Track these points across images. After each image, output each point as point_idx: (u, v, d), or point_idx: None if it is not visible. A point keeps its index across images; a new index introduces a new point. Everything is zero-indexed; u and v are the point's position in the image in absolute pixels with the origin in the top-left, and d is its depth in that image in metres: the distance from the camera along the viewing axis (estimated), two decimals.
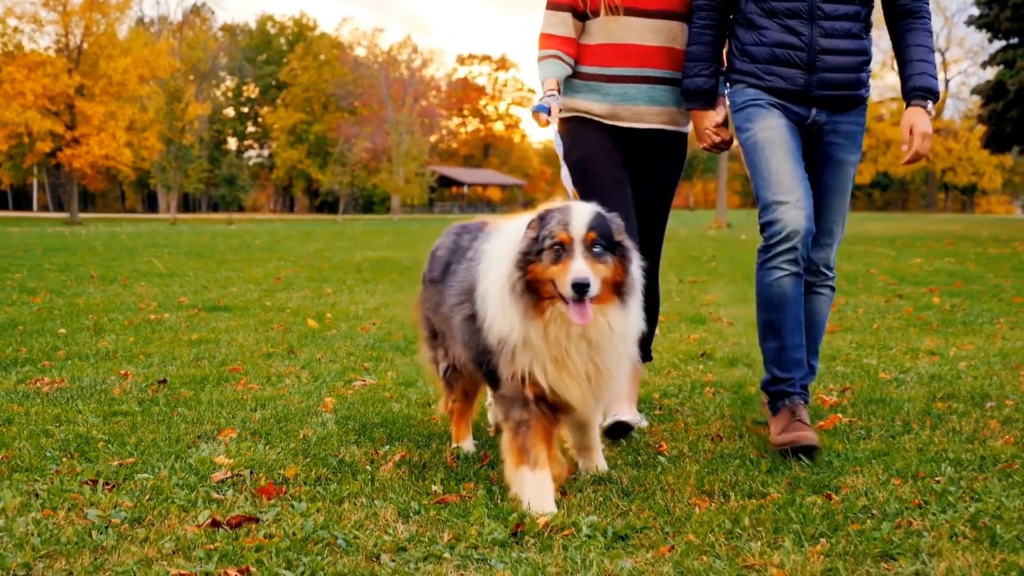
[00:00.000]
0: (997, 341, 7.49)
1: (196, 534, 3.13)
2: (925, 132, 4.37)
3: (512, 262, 3.40)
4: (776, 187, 4.26)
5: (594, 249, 3.31)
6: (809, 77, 4.31)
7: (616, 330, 3.43)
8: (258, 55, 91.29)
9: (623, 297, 3.42)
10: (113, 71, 49.54)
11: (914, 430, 4.62)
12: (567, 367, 3.43)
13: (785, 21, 4.30)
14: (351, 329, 8.02)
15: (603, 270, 3.33)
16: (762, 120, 4.36)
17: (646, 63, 4.48)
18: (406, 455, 4.08)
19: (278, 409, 4.94)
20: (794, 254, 4.25)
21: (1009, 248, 21.99)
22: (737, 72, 4.47)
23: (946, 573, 2.87)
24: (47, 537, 3.07)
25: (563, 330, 3.38)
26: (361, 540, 3.10)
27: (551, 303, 3.37)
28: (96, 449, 4.11)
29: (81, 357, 6.38)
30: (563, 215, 3.34)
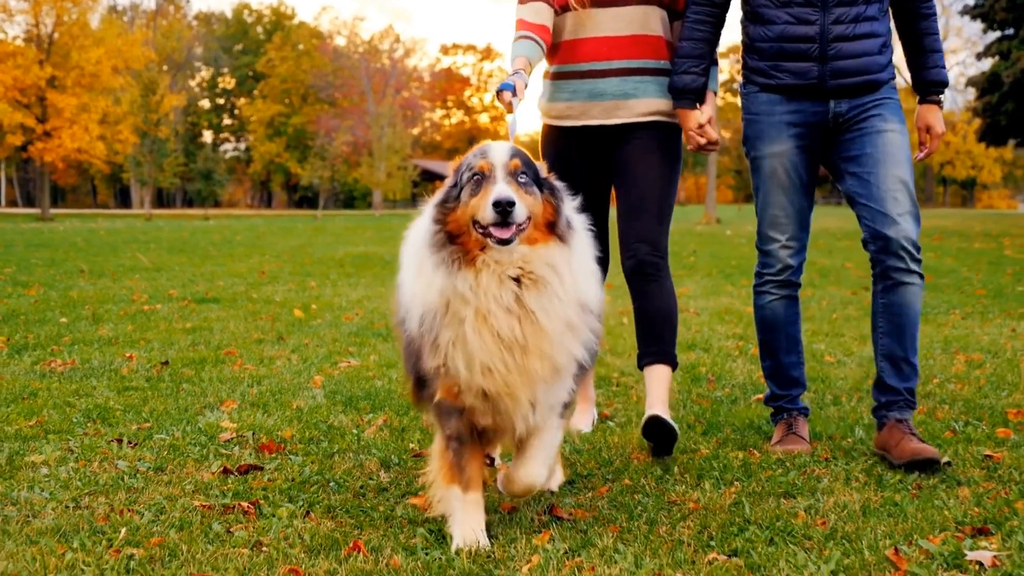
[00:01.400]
0: (945, 329, 8.32)
1: (211, 479, 3.91)
2: (941, 132, 4.48)
3: (428, 219, 3.11)
4: (773, 223, 4.45)
5: (519, 178, 3.02)
6: (822, 68, 4.24)
7: (557, 268, 3.03)
8: (234, 45, 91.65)
9: (562, 237, 3.07)
10: (85, 62, 49.68)
11: (841, 402, 5.44)
12: (487, 322, 3.00)
13: (796, 10, 4.24)
14: (335, 319, 8.82)
15: (529, 201, 3.01)
16: (769, 144, 4.40)
17: (615, 55, 4.38)
18: (387, 420, 4.88)
19: (272, 385, 5.72)
20: (783, 282, 4.51)
21: (995, 243, 22.87)
22: (748, 70, 4.46)
23: (833, 506, 3.65)
24: (87, 481, 3.84)
25: (495, 277, 3.00)
26: (349, 483, 3.88)
27: (482, 253, 3.00)
28: (115, 416, 4.89)
29: (86, 342, 7.15)
30: (481, 148, 3.10)
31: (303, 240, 24.72)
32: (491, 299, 2.98)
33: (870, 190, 4.26)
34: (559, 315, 3.03)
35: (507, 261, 2.99)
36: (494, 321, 2.98)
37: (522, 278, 3.01)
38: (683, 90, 4.42)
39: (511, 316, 2.99)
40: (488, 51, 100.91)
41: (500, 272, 2.99)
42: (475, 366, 3.03)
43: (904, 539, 3.28)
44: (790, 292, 4.54)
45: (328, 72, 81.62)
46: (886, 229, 4.20)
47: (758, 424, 4.91)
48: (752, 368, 6.49)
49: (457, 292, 2.99)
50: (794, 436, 4.48)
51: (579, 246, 3.13)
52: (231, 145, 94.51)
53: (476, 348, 3.01)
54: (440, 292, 3.01)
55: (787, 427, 4.54)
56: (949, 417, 5.03)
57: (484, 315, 2.99)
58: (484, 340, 3.01)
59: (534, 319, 3.00)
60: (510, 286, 3.00)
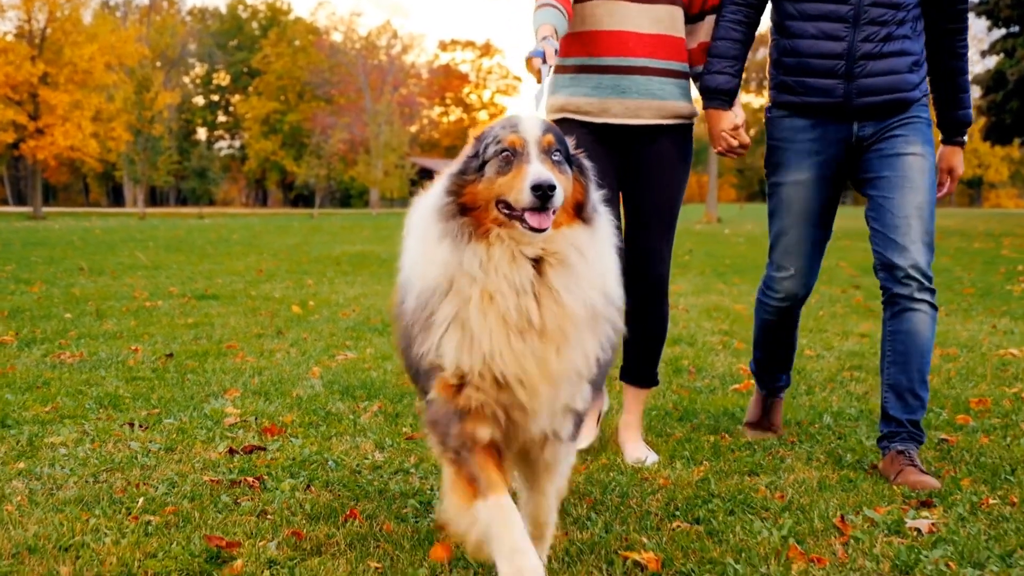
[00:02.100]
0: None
1: (218, 457, 4.31)
2: (960, 174, 4.59)
3: (441, 190, 2.81)
4: (784, 252, 4.49)
5: (553, 156, 2.74)
6: (848, 86, 4.21)
7: (584, 251, 2.77)
8: (229, 41, 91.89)
9: (588, 221, 2.80)
10: (78, 58, 49.81)
11: (814, 392, 5.85)
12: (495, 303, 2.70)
13: (823, 25, 4.22)
14: (332, 315, 9.23)
15: (564, 182, 2.73)
16: (790, 172, 4.41)
17: (643, 52, 4.26)
18: (382, 406, 5.28)
19: (273, 375, 6.12)
20: (787, 307, 4.61)
21: (995, 243, 23.27)
22: (774, 86, 4.45)
23: (792, 482, 4.06)
24: (103, 459, 4.25)
25: (507, 253, 2.70)
26: (346, 462, 4.28)
27: (499, 229, 2.71)
28: (125, 403, 5.29)
29: (91, 337, 7.55)
30: (509, 119, 2.82)
31: (300, 239, 25.14)
32: (501, 277, 2.67)
33: (883, 216, 4.23)
34: (585, 299, 2.74)
35: (527, 240, 2.68)
36: (501, 301, 2.67)
37: (544, 258, 2.71)
38: (716, 90, 4.39)
39: (525, 297, 2.68)
40: (487, 47, 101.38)
41: (515, 249, 2.69)
42: (476, 351, 2.70)
43: (853, 510, 3.69)
44: (792, 312, 4.65)
45: (324, 69, 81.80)
46: (895, 257, 4.16)
47: (732, 411, 5.31)
48: (733, 361, 6.90)
49: (463, 268, 2.69)
50: (766, 422, 4.92)
51: (605, 231, 2.87)
52: (226, 143, 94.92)
53: (479, 331, 2.69)
54: (443, 266, 2.71)
55: (763, 406, 4.94)
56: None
57: (491, 295, 2.68)
58: (489, 323, 2.68)
59: (557, 298, 2.70)
60: (525, 266, 2.69)
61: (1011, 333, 8.23)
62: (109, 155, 58.50)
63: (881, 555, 3.24)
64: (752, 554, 3.24)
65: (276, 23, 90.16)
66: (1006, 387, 5.94)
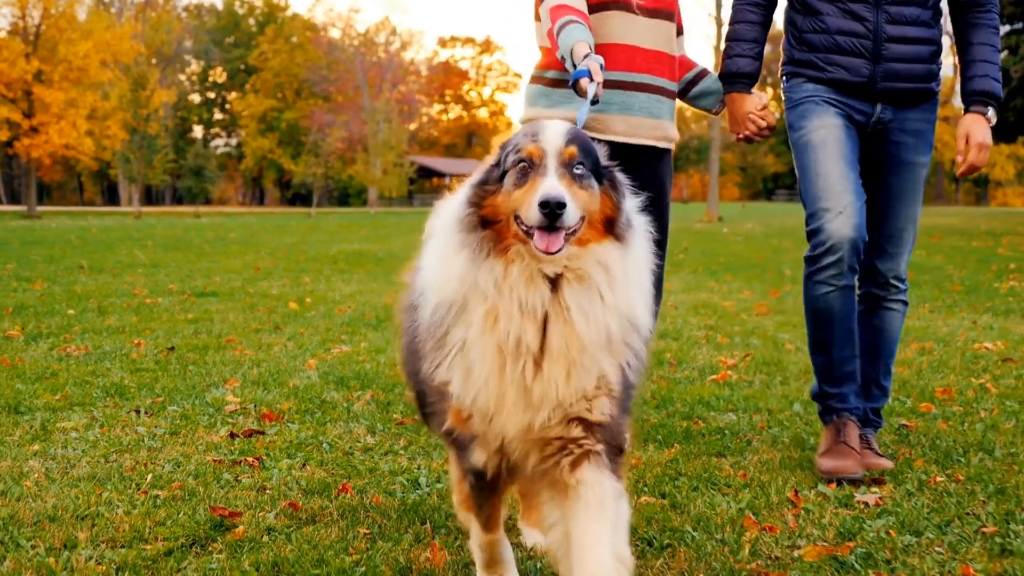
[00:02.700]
0: (909, 321, 9.08)
1: (220, 440, 4.68)
2: (983, 143, 4.26)
3: (463, 200, 2.70)
4: (823, 193, 4.17)
5: (574, 169, 2.60)
6: (874, 68, 4.21)
7: (610, 269, 2.61)
8: (225, 37, 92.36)
9: (620, 237, 2.64)
10: (73, 56, 50.17)
11: (788, 383, 6.22)
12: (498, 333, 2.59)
13: (848, 6, 4.21)
14: (329, 311, 9.61)
15: (585, 198, 2.59)
16: (816, 118, 4.29)
17: (647, 69, 4.22)
18: (374, 395, 5.66)
19: (271, 367, 6.50)
20: (840, 267, 4.16)
21: (994, 241, 23.60)
22: (794, 63, 4.40)
23: (756, 463, 4.43)
24: (112, 442, 4.62)
25: (525, 273, 2.57)
26: (339, 444, 4.65)
27: (520, 245, 2.58)
28: (131, 392, 5.67)
29: (95, 331, 7.93)
30: (533, 127, 2.69)
31: (297, 238, 25.54)
32: (514, 299, 2.56)
33: (881, 222, 4.37)
34: (599, 321, 2.59)
35: (547, 260, 2.54)
36: (503, 325, 2.56)
37: (563, 275, 2.57)
38: (738, 74, 4.41)
39: (529, 321, 2.56)
40: (488, 44, 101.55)
41: (533, 269, 2.56)
42: (474, 383, 2.63)
43: (808, 487, 4.07)
44: (847, 282, 4.22)
45: (322, 66, 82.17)
46: (880, 263, 4.40)
47: (707, 400, 5.67)
48: (713, 352, 7.27)
49: (478, 286, 2.58)
50: (843, 447, 4.23)
51: (639, 250, 2.70)
52: (222, 141, 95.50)
53: (477, 359, 2.60)
54: (460, 281, 2.60)
55: (836, 433, 4.32)
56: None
57: (496, 317, 2.57)
58: (484, 348, 2.59)
59: (566, 319, 2.57)
60: (541, 287, 2.56)
61: (990, 328, 8.59)
62: (104, 153, 58.68)
63: (828, 524, 3.61)
64: (710, 523, 3.62)
65: (273, 19, 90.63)
66: (973, 378, 6.30)
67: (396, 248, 20.93)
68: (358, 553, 3.26)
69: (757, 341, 7.89)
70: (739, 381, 6.26)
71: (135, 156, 57.16)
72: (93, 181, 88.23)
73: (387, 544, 3.36)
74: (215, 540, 3.38)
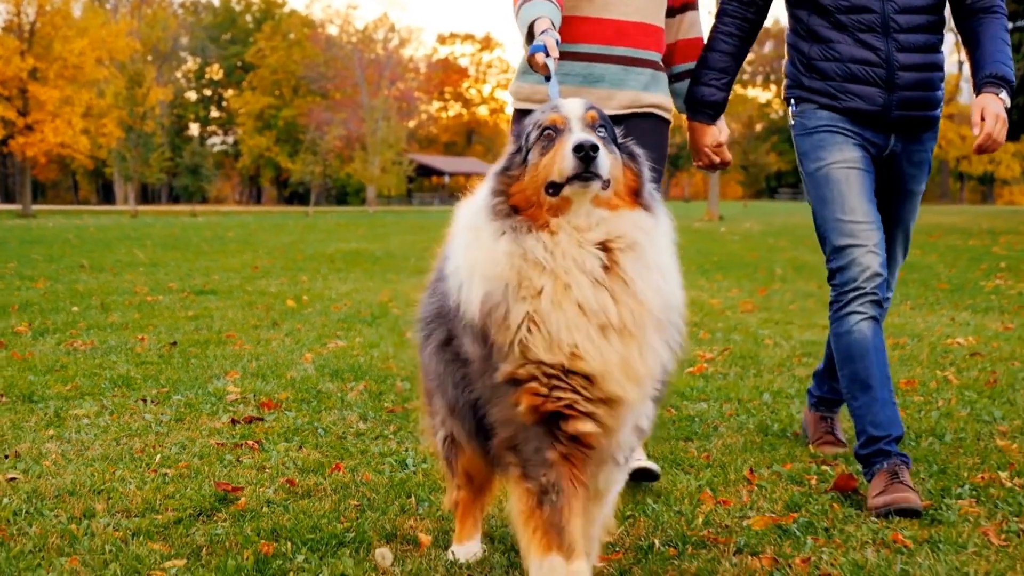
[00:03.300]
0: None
1: (222, 426, 5.12)
2: (998, 114, 4.08)
3: (488, 191, 2.74)
4: (851, 230, 4.19)
5: (598, 131, 2.69)
6: (889, 96, 4.23)
7: (652, 236, 2.68)
8: (222, 34, 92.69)
9: (648, 208, 2.72)
10: (68, 53, 50.26)
11: (762, 375, 6.65)
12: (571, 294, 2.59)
13: (858, 35, 4.22)
14: (325, 308, 10.08)
15: (611, 159, 2.66)
16: (838, 151, 4.28)
17: (619, 40, 4.22)
18: (367, 386, 6.09)
19: (269, 360, 6.93)
20: (874, 297, 4.19)
21: (991, 240, 23.99)
22: (804, 89, 4.39)
23: (720, 446, 4.86)
24: (122, 427, 5.05)
25: (574, 241, 2.61)
26: (333, 429, 5.08)
27: (558, 218, 2.63)
28: (137, 383, 6.10)
29: (99, 328, 8.38)
30: (547, 106, 2.82)
31: (295, 237, 26.01)
32: (571, 263, 2.58)
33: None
34: (658, 287, 2.65)
35: (587, 225, 2.61)
36: (578, 291, 2.58)
37: (610, 243, 2.62)
38: (702, 102, 4.43)
39: (599, 289, 2.59)
40: (487, 40, 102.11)
41: (580, 237, 2.61)
42: (560, 348, 2.60)
43: (766, 466, 4.50)
44: (877, 313, 4.23)
45: (320, 63, 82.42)
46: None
47: (682, 391, 6.10)
48: (693, 346, 7.69)
49: (529, 257, 2.59)
50: (901, 485, 3.94)
51: (666, 224, 2.77)
52: (219, 139, 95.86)
53: (559, 325, 2.59)
54: (508, 257, 2.60)
55: (890, 475, 4.00)
56: None
57: (565, 284, 2.58)
58: (567, 315, 2.58)
59: (632, 290, 2.61)
60: (594, 251, 2.60)
61: (966, 325, 9.01)
62: (100, 152, 58.60)
63: (778, 499, 4.04)
64: (670, 497, 4.05)
65: (270, 16, 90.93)
66: (939, 371, 6.72)
67: (393, 247, 21.39)
68: (348, 521, 3.69)
69: (738, 336, 8.31)
70: (715, 373, 6.68)
71: (131, 154, 57.53)
72: (88, 180, 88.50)
73: (375, 514, 3.79)
74: (219, 511, 3.81)
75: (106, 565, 3.22)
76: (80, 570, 3.19)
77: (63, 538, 3.47)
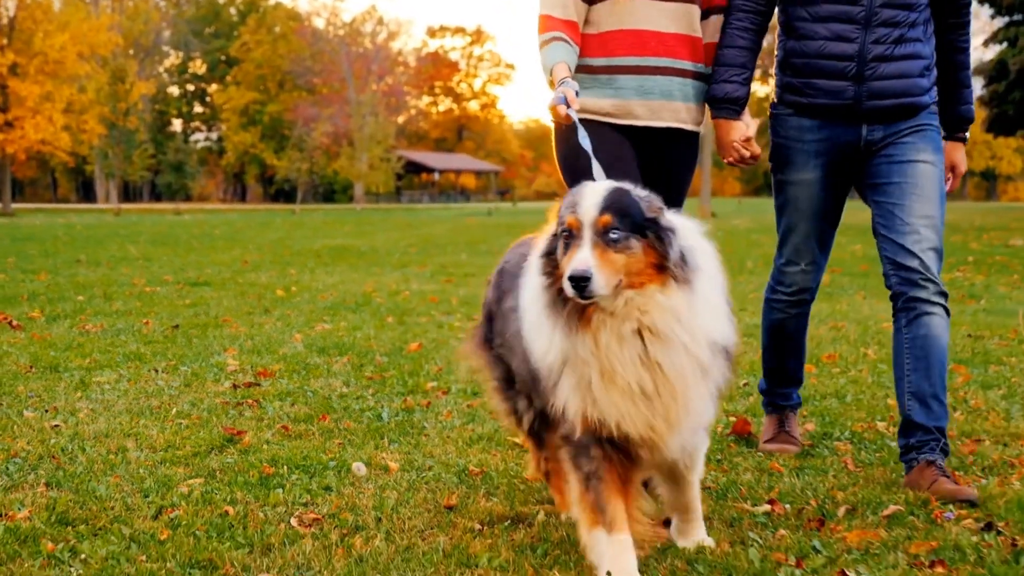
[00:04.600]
0: (837, 305, 10.62)
1: (225, 390, 6.20)
2: (963, 171, 4.73)
3: (536, 271, 3.21)
4: (792, 247, 4.73)
5: (610, 235, 3.00)
6: (858, 88, 4.39)
7: (679, 315, 3.05)
8: (205, 27, 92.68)
9: (676, 278, 3.05)
10: (49, 48, 50.94)
11: None
12: (615, 380, 3.08)
13: (835, 27, 4.38)
14: (313, 297, 11.22)
15: (620, 260, 3.00)
16: (797, 171, 4.63)
17: (664, 52, 4.37)
18: (350, 359, 7.18)
19: (263, 339, 8.03)
20: (800, 306, 4.87)
21: (974, 236, 25.06)
22: (780, 86, 4.63)
23: None
24: (139, 391, 6.13)
25: (614, 335, 3.05)
26: (320, 392, 6.16)
27: (595, 308, 3.06)
28: (147, 358, 7.19)
29: (105, 314, 9.47)
30: (574, 195, 3.12)
31: (282, 234, 27.19)
32: (614, 358, 3.06)
33: (893, 223, 4.41)
34: (688, 366, 3.10)
35: (621, 313, 3.04)
36: (622, 376, 3.07)
37: (643, 331, 3.06)
38: (724, 99, 4.54)
39: (640, 368, 3.07)
40: (478, 34, 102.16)
41: (619, 328, 3.05)
42: (609, 420, 3.14)
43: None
44: (802, 310, 4.90)
45: (306, 57, 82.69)
46: (908, 261, 4.32)
47: None
48: None
49: (578, 356, 3.11)
50: (784, 435, 4.99)
51: (701, 284, 3.11)
52: (202, 135, 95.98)
53: (606, 405, 3.11)
54: (560, 352, 3.15)
55: (779, 424, 5.04)
56: None
57: (610, 374, 3.07)
58: (613, 397, 3.10)
59: (663, 374, 3.08)
60: (633, 342, 3.07)
61: None
62: (81, 148, 58.98)
63: None
64: None
65: (255, 9, 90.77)
66: (862, 348, 7.81)
67: (379, 243, 22.51)
68: (332, 454, 4.77)
69: None
70: None
71: (114, 151, 58.15)
72: (68, 177, 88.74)
73: (355, 449, 4.87)
74: (228, 447, 4.88)
75: (142, 481, 4.30)
76: (123, 484, 4.25)
77: (105, 464, 4.54)
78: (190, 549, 3.48)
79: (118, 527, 3.70)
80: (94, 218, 41.33)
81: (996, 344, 7.96)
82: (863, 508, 4.03)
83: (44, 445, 4.84)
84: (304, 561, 3.42)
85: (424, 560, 3.43)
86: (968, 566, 3.39)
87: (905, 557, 3.48)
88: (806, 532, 3.76)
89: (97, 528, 3.71)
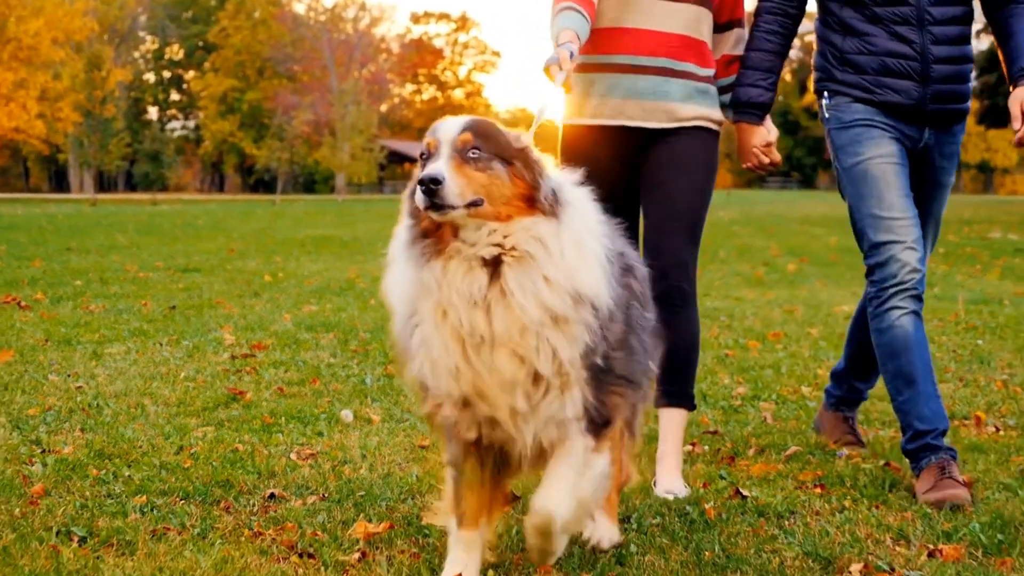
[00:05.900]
0: (797, 292, 11.63)
1: (224, 360, 7.16)
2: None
3: (404, 213, 3.05)
4: (891, 226, 4.34)
5: (469, 153, 2.89)
6: (924, 90, 4.40)
7: (546, 243, 2.90)
8: (183, 12, 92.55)
9: (549, 213, 2.92)
10: (23, 34, 51.78)
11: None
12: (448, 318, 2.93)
13: (892, 28, 4.39)
14: (299, 282, 12.24)
15: (480, 178, 2.87)
16: (875, 146, 4.45)
17: (661, 51, 4.36)
18: (336, 335, 8.15)
19: (255, 319, 9.00)
20: (914, 292, 4.35)
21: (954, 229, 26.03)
22: (837, 83, 4.56)
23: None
24: (147, 360, 7.09)
25: (464, 262, 2.90)
26: (310, 362, 7.12)
27: (455, 239, 2.92)
28: (150, 334, 8.15)
29: (104, 297, 10.42)
30: (434, 124, 3.03)
31: (264, 224, 28.21)
32: (453, 291, 2.88)
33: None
34: (540, 300, 2.88)
35: (480, 240, 2.89)
36: (452, 315, 2.91)
37: (504, 256, 2.89)
38: (748, 103, 4.55)
39: (475, 308, 2.89)
40: (464, 20, 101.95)
41: (471, 256, 2.90)
42: (439, 370, 2.99)
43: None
44: (918, 307, 4.41)
45: (287, 43, 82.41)
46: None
47: None
48: None
49: (423, 286, 2.94)
50: (950, 480, 4.20)
51: (573, 221, 2.97)
52: (179, 123, 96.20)
53: (436, 348, 2.96)
54: (411, 289, 2.99)
55: (939, 470, 4.25)
56: (726, 336, 8.33)
57: (444, 310, 2.92)
58: (443, 338, 2.94)
59: (509, 303, 2.88)
60: (478, 274, 2.89)
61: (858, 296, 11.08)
62: (55, 136, 59.39)
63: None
64: None
65: None
66: (807, 327, 8.80)
67: (360, 233, 23.50)
68: (323, 409, 5.73)
69: None
70: None
71: (89, 140, 58.63)
72: (40, 166, 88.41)
73: (342, 406, 5.83)
74: (233, 404, 5.84)
75: (163, 427, 5.26)
76: (147, 429, 5.21)
77: (128, 416, 5.50)
78: (210, 473, 4.45)
79: (148, 459, 4.66)
80: (72, 208, 42.07)
81: (934, 326, 8.90)
82: (770, 450, 5.03)
83: (72, 401, 5.79)
84: (303, 483, 4.38)
85: (401, 483, 4.40)
86: (844, 488, 4.38)
87: (794, 483, 4.47)
88: (718, 466, 4.75)
89: (130, 460, 4.67)
